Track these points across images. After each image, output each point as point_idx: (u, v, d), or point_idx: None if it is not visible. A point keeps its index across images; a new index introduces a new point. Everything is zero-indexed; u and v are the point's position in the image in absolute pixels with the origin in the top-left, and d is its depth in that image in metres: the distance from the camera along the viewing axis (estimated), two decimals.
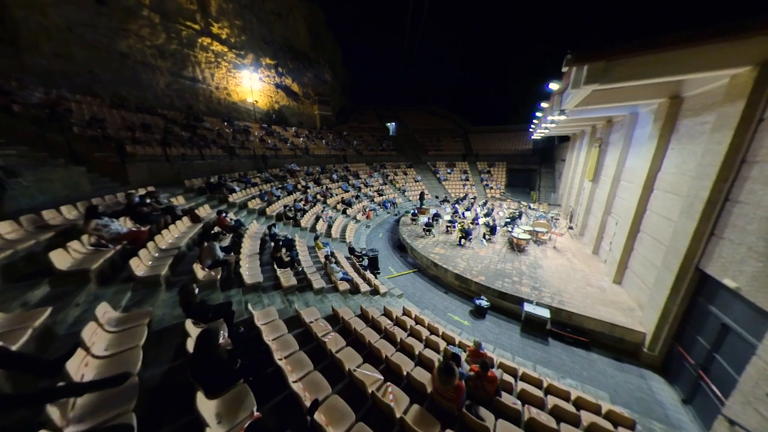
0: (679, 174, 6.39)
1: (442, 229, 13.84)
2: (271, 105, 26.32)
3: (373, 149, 29.36)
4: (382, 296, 7.83)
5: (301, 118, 30.01)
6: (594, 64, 5.29)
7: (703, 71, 4.65)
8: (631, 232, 8.00)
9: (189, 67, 19.03)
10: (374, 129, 36.24)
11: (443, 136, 35.77)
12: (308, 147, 22.84)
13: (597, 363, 6.28)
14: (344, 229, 13.84)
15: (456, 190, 26.28)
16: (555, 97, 8.52)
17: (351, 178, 22.23)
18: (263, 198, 11.73)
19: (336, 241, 12.15)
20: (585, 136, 16.17)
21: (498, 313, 8.13)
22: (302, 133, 25.67)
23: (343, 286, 6.85)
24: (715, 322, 4.84)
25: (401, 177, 26.16)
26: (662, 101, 7.20)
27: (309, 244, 9.95)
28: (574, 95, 6.35)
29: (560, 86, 7.10)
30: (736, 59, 4.41)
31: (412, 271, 11.00)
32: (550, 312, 7.18)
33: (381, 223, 17.82)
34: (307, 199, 14.67)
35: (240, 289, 4.92)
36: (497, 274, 9.21)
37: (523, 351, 6.57)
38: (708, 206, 4.98)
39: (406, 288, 9.63)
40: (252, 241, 7.39)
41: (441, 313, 8.14)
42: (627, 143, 9.62)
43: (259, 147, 17.96)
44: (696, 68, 4.64)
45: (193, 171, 11.12)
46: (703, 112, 5.92)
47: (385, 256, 12.55)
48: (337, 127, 33.37)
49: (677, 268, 5.48)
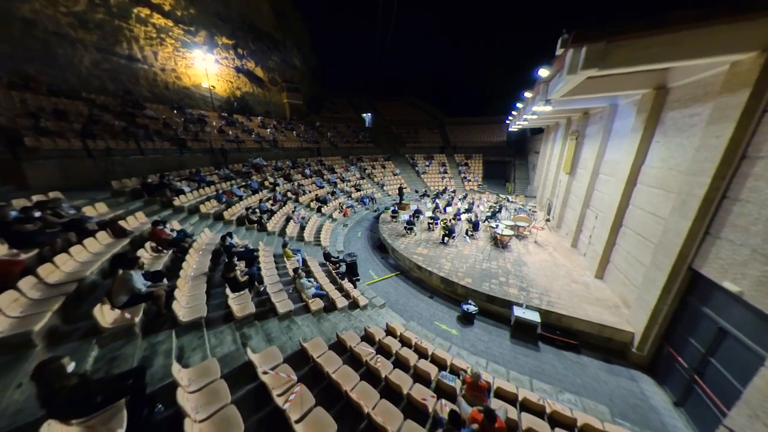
0: (665, 168, 6.20)
1: (424, 226, 13.23)
2: (232, 91, 23.54)
3: (348, 141, 27.86)
4: (363, 309, 6.96)
5: (268, 106, 27.42)
6: (593, 45, 4.69)
7: (708, 56, 4.23)
8: (613, 227, 7.90)
9: (123, 43, 15.95)
10: (349, 120, 34.53)
11: (420, 128, 35.13)
12: (277, 139, 20.84)
13: (588, 367, 6.06)
14: (319, 230, 12.66)
15: (435, 183, 25.93)
16: (541, 86, 8.02)
17: (326, 172, 20.77)
18: (221, 199, 10.12)
19: (310, 245, 10.97)
20: (560, 129, 16.33)
21: (486, 317, 7.69)
22: (270, 124, 23.40)
23: (316, 305, 5.86)
24: (710, 325, 4.66)
25: (379, 170, 25.14)
26: (646, 92, 6.96)
27: (277, 251, 8.72)
28: (567, 83, 5.79)
29: (551, 72, 6.54)
30: (741, 43, 4.02)
31: (395, 274, 10.26)
32: (540, 315, 6.86)
33: (359, 221, 16.82)
34: (276, 198, 13.16)
35: (172, 331, 3.72)
36: (483, 274, 8.77)
37: (516, 361, 6.16)
38: (704, 204, 4.71)
39: (388, 294, 8.87)
40: (200, 257, 6.05)
41: (427, 322, 7.51)
42: (606, 136, 9.53)
43: (217, 139, 15.82)
44: (701, 52, 4.20)
45: (128, 169, 9.17)
46: (692, 104, 5.67)
47: (364, 258, 11.66)
48: (309, 117, 31.15)
49: (669, 268, 5.27)
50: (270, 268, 6.89)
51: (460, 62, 48.60)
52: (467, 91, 46.54)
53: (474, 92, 45.71)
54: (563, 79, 5.82)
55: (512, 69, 39.88)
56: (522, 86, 10.91)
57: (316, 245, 11.29)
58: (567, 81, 5.66)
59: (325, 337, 5.04)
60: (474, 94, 45.39)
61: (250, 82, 24.71)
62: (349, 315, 6.45)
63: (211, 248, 6.70)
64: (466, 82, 47.10)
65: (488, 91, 43.06)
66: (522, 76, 8.44)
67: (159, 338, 3.59)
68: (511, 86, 38.56)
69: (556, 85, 6.82)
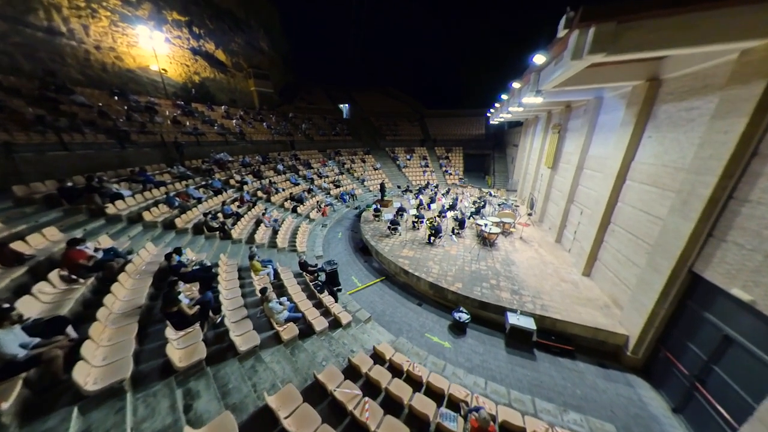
0: (659, 165, 5.96)
1: (408, 225, 12.56)
2: (189, 76, 20.81)
3: (325, 134, 26.22)
4: (346, 328, 6.13)
5: (234, 94, 24.83)
6: (603, 25, 4.10)
7: (725, 41, 3.79)
8: (601, 224, 7.74)
9: (39, 12, 13.00)
10: (326, 111, 32.62)
11: (400, 120, 34.20)
12: (244, 131, 18.84)
13: (585, 374, 5.81)
14: (295, 233, 11.48)
15: (416, 177, 25.38)
16: (531, 75, 7.50)
17: (301, 168, 19.26)
18: (172, 203, 8.57)
19: (284, 252, 9.81)
20: (539, 122, 16.33)
21: (478, 324, 7.24)
22: (236, 114, 21.14)
23: (289, 333, 4.92)
24: (713, 332, 4.46)
25: (359, 165, 23.99)
26: (638, 84, 6.68)
27: (244, 263, 7.54)
28: (567, 70, 5.23)
29: (547, 59, 5.95)
30: (761, 28, 3.61)
31: (380, 280, 9.50)
32: (535, 320, 6.51)
33: (339, 220, 15.77)
34: (243, 199, 11.69)
35: (73, 408, 2.62)
36: (473, 277, 8.31)
37: (513, 374, 5.74)
38: (709, 205, 4.43)
39: (374, 304, 8.11)
40: (135, 284, 4.79)
41: (417, 334, 6.88)
42: (591, 130, 9.36)
43: (170, 131, 13.73)
44: (718, 36, 3.74)
45: (45, 169, 7.34)
46: (689, 97, 5.39)
47: (346, 262, 10.76)
48: (281, 107, 28.86)
49: (669, 272, 5.03)
50: (232, 289, 5.78)
51: (439, 51, 47.91)
52: (446, 82, 46.19)
53: (452, 84, 45.49)
54: (563, 65, 5.24)
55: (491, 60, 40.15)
56: (501, 78, 10.42)
57: (291, 251, 10.16)
58: (567, 68, 5.08)
59: (300, 377, 4.16)
60: (453, 86, 45.18)
61: (210, 67, 22.01)
62: (330, 338, 5.59)
63: (153, 268, 5.41)
64: (444, 73, 46.66)
65: (467, 82, 43.04)
66: (501, 67, 7.95)
67: (49, 424, 2.49)
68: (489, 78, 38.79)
69: (550, 74, 6.27)
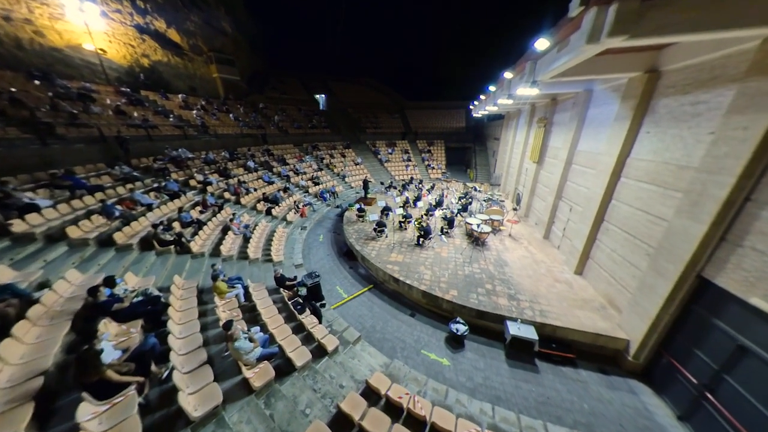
0: (659, 162, 5.70)
1: (395, 225, 11.83)
2: (136, 59, 17.99)
3: (301, 126, 24.43)
4: (332, 356, 5.31)
5: (193, 81, 22.09)
6: (626, 3, 3.50)
7: (753, 25, 3.36)
8: (594, 222, 7.54)
9: None
10: (301, 102, 30.49)
11: (380, 112, 33.03)
12: (207, 123, 16.76)
13: (589, 384, 5.55)
14: (270, 239, 10.27)
15: (399, 171, 24.65)
16: (527, 64, 6.94)
17: (275, 164, 17.65)
18: (111, 213, 7.03)
19: (257, 264, 8.63)
20: (522, 115, 16.19)
21: (476, 334, 6.77)
22: (196, 104, 18.79)
23: (262, 377, 3.99)
24: (724, 341, 4.26)
25: (339, 160, 22.70)
26: (635, 76, 6.35)
27: (206, 282, 6.36)
28: (573, 57, 4.65)
29: (552, 43, 5.33)
30: None
31: (367, 288, 8.72)
32: (535, 328, 6.15)
33: (320, 221, 14.65)
34: (207, 203, 10.18)
35: None
36: (468, 282, 7.82)
37: (519, 392, 5.31)
38: (725, 207, 4.14)
39: (362, 318, 7.34)
40: (44, 334, 3.56)
41: (413, 352, 6.24)
42: (580, 124, 9.13)
43: (112, 123, 11.63)
44: (748, 19, 3.31)
45: None
46: (694, 90, 5.09)
47: (329, 269, 9.83)
48: (251, 97, 26.39)
49: (676, 277, 4.78)
50: (188, 323, 4.67)
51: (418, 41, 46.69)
52: (425, 73, 45.28)
53: (432, 75, 44.70)
54: (570, 51, 4.65)
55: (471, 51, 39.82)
56: (481, 70, 9.87)
57: (266, 261, 9.00)
58: (576, 54, 4.49)
59: None
60: (432, 77, 44.41)
61: (161, 49, 19.20)
62: (314, 373, 4.74)
63: (76, 306, 4.15)
64: (423, 64, 45.68)
65: (446, 74, 42.49)
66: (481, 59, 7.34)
67: None
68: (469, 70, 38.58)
69: (551, 62, 5.70)
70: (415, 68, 45.42)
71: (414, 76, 44.60)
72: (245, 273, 7.64)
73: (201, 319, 5.09)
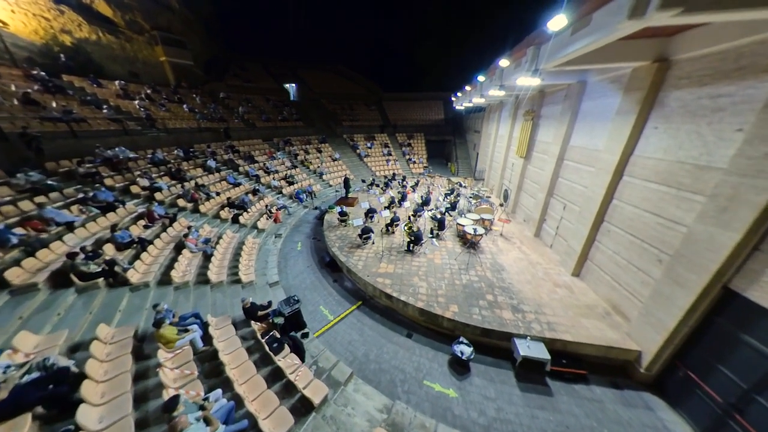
0: (672, 161, 5.29)
1: (382, 229, 10.85)
2: (53, 35, 14.62)
3: (270, 119, 22.14)
4: (320, 409, 4.29)
5: (135, 66, 18.79)
6: None
7: None
8: (594, 223, 7.18)
9: None
10: (268, 91, 27.79)
11: (356, 104, 31.34)
12: (154, 115, 14.22)
13: (605, 404, 5.14)
14: (237, 254, 8.77)
15: (380, 167, 23.54)
16: (528, 50, 6.16)
17: (241, 162, 15.64)
18: (5, 241, 5.18)
19: (221, 289, 7.18)
20: (505, 108, 15.81)
21: (480, 353, 6.10)
22: (139, 92, 15.92)
23: None
24: (755, 359, 3.93)
25: (314, 156, 20.98)
26: (641, 66, 5.86)
27: (149, 326, 4.92)
28: (599, 38, 3.89)
29: (571, 21, 4.51)
30: None
31: (355, 306, 7.71)
32: (545, 344, 5.63)
33: (297, 225, 13.21)
34: (153, 215, 8.36)
35: None
36: (467, 294, 7.14)
37: (535, 422, 4.74)
38: (763, 214, 3.71)
39: (353, 345, 6.35)
40: None
41: (415, 384, 5.42)
42: (573, 118, 8.70)
43: (19, 116, 9.11)
44: None
45: None
46: (713, 82, 4.63)
47: (311, 284, 8.64)
48: (209, 85, 23.35)
49: (700, 288, 4.39)
50: (113, 399, 3.33)
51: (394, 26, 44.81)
52: (401, 61, 43.80)
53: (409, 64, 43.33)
54: (598, 30, 3.88)
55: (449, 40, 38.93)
56: (460, 60, 9.04)
57: (233, 283, 7.57)
58: (606, 34, 3.72)
59: None
60: (409, 66, 43.08)
61: (88, 24, 15.86)
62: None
63: None
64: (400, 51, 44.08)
65: (423, 63, 41.39)
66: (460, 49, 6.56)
67: None
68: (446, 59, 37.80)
69: (562, 47, 4.94)
70: (390, 56, 43.79)
71: (390, 65, 43.06)
72: (205, 304, 6.23)
73: (138, 385, 3.78)
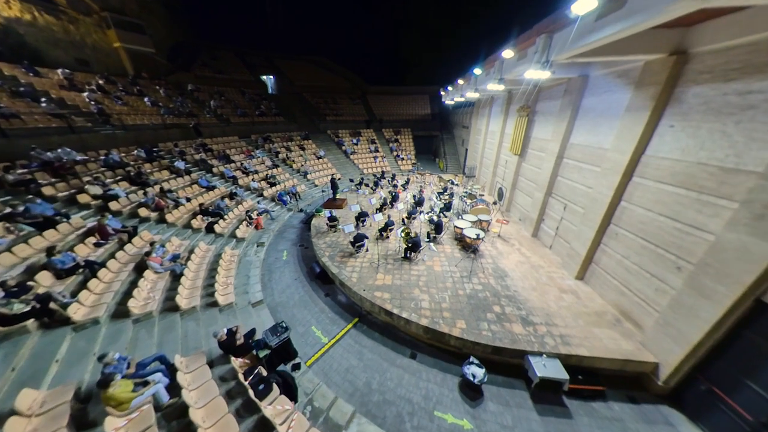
0: (692, 163, 4.95)
1: (375, 234, 10.11)
2: None
3: (247, 114, 20.41)
4: None
5: (83, 52, 16.39)
6: None
7: None
8: (601, 226, 6.88)
9: None
10: (243, 83, 25.73)
11: (340, 97, 29.95)
12: (108, 110, 12.40)
13: (626, 423, 4.82)
14: (212, 270, 7.69)
15: (367, 164, 22.63)
16: (539, 39, 5.57)
17: (215, 163, 14.15)
18: None
19: (193, 316, 6.13)
20: (496, 103, 15.43)
21: (491, 371, 5.61)
22: (89, 83, 13.86)
23: None
24: None
25: (297, 153, 19.67)
26: (656, 59, 5.46)
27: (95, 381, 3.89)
28: (639, 22, 3.34)
29: (600, 3, 3.91)
30: None
31: (352, 324, 6.97)
32: (560, 361, 5.23)
33: (281, 231, 12.14)
34: (106, 230, 7.05)
35: None
36: (473, 306, 6.62)
37: None
38: None
39: (352, 372, 5.64)
40: None
41: (426, 418, 4.82)
42: (573, 114, 8.34)
43: None
44: None
45: None
46: (742, 77, 4.26)
47: (300, 300, 7.77)
48: (174, 75, 21.08)
49: (730, 302, 4.09)
50: None
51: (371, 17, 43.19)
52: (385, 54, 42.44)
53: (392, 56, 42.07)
54: (638, 13, 3.31)
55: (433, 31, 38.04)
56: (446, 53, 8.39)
57: (208, 307, 6.54)
58: (650, 17, 3.16)
59: None
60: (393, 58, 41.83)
61: (18, 2, 13.45)
62: None
63: None
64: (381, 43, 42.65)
65: (408, 56, 40.29)
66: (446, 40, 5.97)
67: None
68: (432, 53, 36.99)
69: (584, 35, 4.37)
70: (373, 48, 42.24)
71: (373, 58, 41.52)
72: (174, 338, 5.21)
73: None
